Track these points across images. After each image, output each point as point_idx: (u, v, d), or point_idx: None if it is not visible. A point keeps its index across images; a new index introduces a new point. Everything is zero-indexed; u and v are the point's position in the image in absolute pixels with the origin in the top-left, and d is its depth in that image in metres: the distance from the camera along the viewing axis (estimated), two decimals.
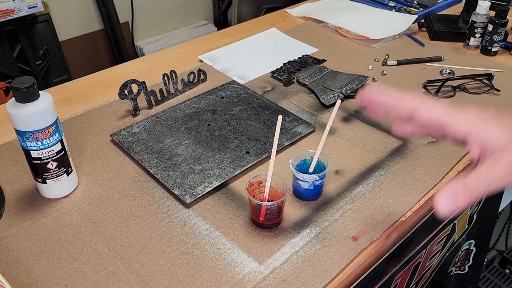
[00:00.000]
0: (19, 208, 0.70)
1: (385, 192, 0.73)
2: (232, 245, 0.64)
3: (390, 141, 0.84)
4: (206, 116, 0.90)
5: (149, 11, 2.51)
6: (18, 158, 0.80)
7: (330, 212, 0.69)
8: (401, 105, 0.45)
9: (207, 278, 0.59)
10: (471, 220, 1.06)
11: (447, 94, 0.98)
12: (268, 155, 0.79)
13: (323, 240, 0.64)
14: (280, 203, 0.64)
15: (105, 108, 0.93)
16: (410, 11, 1.35)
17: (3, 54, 1.86)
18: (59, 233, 0.65)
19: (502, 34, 1.12)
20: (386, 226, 0.67)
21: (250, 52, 1.16)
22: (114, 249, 0.63)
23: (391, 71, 1.08)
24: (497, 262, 1.68)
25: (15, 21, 1.84)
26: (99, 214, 0.69)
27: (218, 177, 0.74)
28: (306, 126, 0.87)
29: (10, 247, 0.64)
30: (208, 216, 0.68)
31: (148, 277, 0.59)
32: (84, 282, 0.59)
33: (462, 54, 1.16)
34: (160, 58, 1.14)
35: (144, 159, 0.78)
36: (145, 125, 0.87)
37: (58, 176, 0.69)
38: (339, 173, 0.77)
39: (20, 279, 0.59)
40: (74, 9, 2.23)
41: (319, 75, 1.03)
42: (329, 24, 1.30)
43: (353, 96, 0.97)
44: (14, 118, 0.62)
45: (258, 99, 0.95)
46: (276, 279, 0.59)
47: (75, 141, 0.84)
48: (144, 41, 2.56)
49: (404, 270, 0.84)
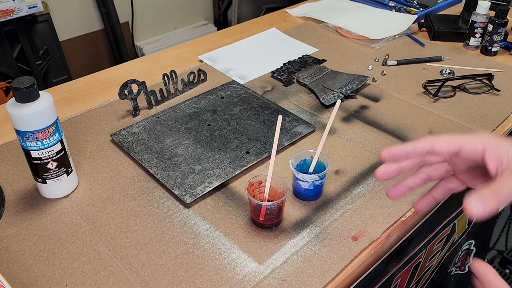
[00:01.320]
0: (19, 208, 0.70)
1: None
2: (232, 245, 0.64)
3: (390, 141, 0.84)
4: (206, 116, 0.90)
5: (149, 11, 2.51)
6: (18, 158, 0.80)
7: (330, 212, 0.69)
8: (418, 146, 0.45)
9: (207, 278, 0.59)
10: (471, 220, 1.06)
11: (447, 94, 0.98)
12: (268, 155, 0.79)
13: (323, 240, 0.64)
14: (280, 203, 0.64)
15: (105, 108, 0.93)
16: (410, 11, 1.35)
17: (3, 54, 1.86)
18: (59, 233, 0.65)
19: (502, 34, 1.12)
20: (386, 226, 0.67)
21: (250, 52, 1.16)
22: (114, 249, 0.63)
23: (391, 71, 1.08)
24: (497, 262, 1.67)
25: (15, 21, 1.84)
26: (99, 214, 0.69)
27: (218, 177, 0.74)
28: (306, 126, 0.87)
29: (10, 247, 0.64)
30: (208, 216, 0.68)
31: (148, 277, 0.59)
32: (84, 282, 0.59)
33: (462, 54, 1.16)
34: (160, 58, 1.14)
35: (144, 159, 0.78)
36: (145, 125, 0.87)
37: (58, 176, 0.69)
38: (339, 173, 0.77)
39: (20, 279, 0.59)
40: (74, 9, 2.23)
41: (319, 75, 1.03)
42: (329, 24, 1.30)
43: (353, 96, 0.97)
44: (14, 118, 0.62)
45: (258, 99, 0.95)
46: (276, 279, 0.59)
47: (75, 141, 0.84)
48: (144, 41, 2.56)
49: (404, 270, 0.84)
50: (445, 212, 0.86)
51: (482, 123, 0.89)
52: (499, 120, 0.90)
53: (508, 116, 0.92)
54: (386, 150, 0.45)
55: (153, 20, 2.55)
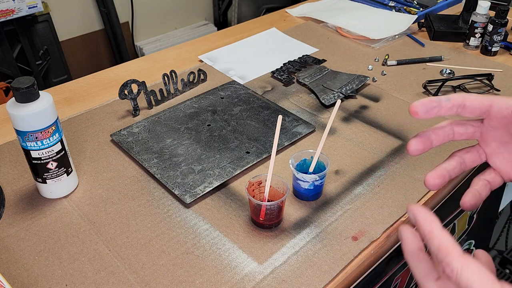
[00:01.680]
0: (19, 208, 0.70)
1: (385, 192, 0.73)
2: (232, 245, 0.64)
3: (390, 141, 0.84)
4: (206, 116, 0.90)
5: (149, 11, 2.51)
6: (18, 158, 0.80)
7: (330, 212, 0.69)
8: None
9: (207, 278, 0.59)
10: (471, 220, 1.06)
11: (447, 94, 0.98)
12: (268, 155, 0.79)
13: (323, 240, 0.64)
14: (280, 203, 0.64)
15: (105, 108, 0.93)
16: (410, 11, 1.35)
17: (3, 54, 1.86)
18: (59, 233, 0.65)
19: (502, 34, 1.12)
20: (386, 226, 0.67)
21: (250, 52, 1.16)
22: (114, 249, 0.63)
23: (391, 71, 1.08)
24: (497, 262, 1.67)
25: (15, 21, 1.84)
26: (99, 214, 0.69)
27: (218, 177, 0.74)
28: (306, 126, 0.87)
29: (10, 247, 0.64)
30: (208, 216, 0.68)
31: (148, 277, 0.59)
32: (84, 282, 0.59)
33: (462, 54, 1.16)
34: (160, 58, 1.14)
35: (144, 159, 0.78)
36: (145, 125, 0.87)
37: (58, 176, 0.69)
38: (339, 173, 0.77)
39: (20, 279, 0.59)
40: (74, 9, 2.23)
41: (319, 75, 1.03)
42: (329, 24, 1.30)
43: (353, 96, 0.97)
44: (14, 118, 0.62)
45: (258, 99, 0.95)
46: (276, 279, 0.59)
47: (75, 141, 0.84)
48: (144, 41, 2.56)
49: (404, 270, 0.84)
50: (445, 212, 0.87)
51: None
52: None
53: None
54: (417, 101, 0.40)
55: (153, 20, 2.55)
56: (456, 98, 0.41)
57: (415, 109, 0.40)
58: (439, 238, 0.33)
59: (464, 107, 0.41)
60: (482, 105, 0.41)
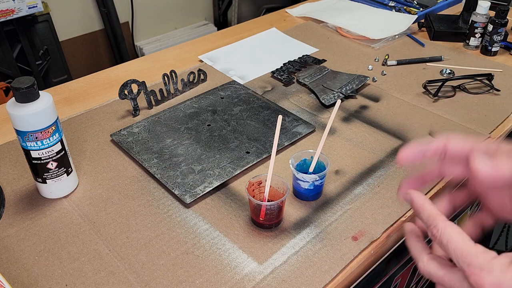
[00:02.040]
0: (19, 208, 0.70)
1: (385, 192, 0.73)
2: (232, 245, 0.64)
3: (390, 141, 0.84)
4: (206, 116, 0.90)
5: (149, 11, 2.51)
6: (18, 158, 0.80)
7: (330, 212, 0.69)
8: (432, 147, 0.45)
9: (207, 278, 0.59)
10: None
11: (447, 94, 0.98)
12: (268, 155, 0.79)
13: (323, 240, 0.64)
14: (280, 203, 0.64)
15: (105, 108, 0.93)
16: (410, 11, 1.35)
17: (3, 54, 1.86)
18: (59, 233, 0.65)
19: (502, 34, 1.12)
20: (386, 226, 0.67)
21: (250, 52, 1.16)
22: (114, 249, 0.63)
23: (391, 71, 1.08)
24: None
25: (15, 21, 1.84)
26: (99, 214, 0.69)
27: (218, 177, 0.74)
28: (306, 126, 0.87)
29: (10, 247, 0.64)
30: (208, 216, 0.68)
31: (148, 277, 0.59)
32: (84, 282, 0.59)
33: (462, 54, 1.16)
34: (160, 58, 1.14)
35: (144, 159, 0.78)
36: (145, 125, 0.87)
37: (58, 176, 0.69)
38: (339, 173, 0.77)
39: (20, 279, 0.59)
40: (74, 9, 2.23)
41: (319, 75, 1.03)
42: (329, 24, 1.30)
43: (353, 96, 0.97)
44: (14, 118, 0.62)
45: (258, 99, 0.95)
46: (276, 279, 0.59)
47: (75, 141, 0.84)
48: (144, 41, 2.56)
49: (404, 270, 0.84)
50: None
51: (482, 123, 0.89)
52: (499, 120, 0.90)
53: (508, 116, 0.92)
54: (403, 153, 0.45)
55: (153, 20, 2.55)
56: (437, 144, 0.45)
57: (401, 160, 0.46)
58: (429, 209, 0.40)
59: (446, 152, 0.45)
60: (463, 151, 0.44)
